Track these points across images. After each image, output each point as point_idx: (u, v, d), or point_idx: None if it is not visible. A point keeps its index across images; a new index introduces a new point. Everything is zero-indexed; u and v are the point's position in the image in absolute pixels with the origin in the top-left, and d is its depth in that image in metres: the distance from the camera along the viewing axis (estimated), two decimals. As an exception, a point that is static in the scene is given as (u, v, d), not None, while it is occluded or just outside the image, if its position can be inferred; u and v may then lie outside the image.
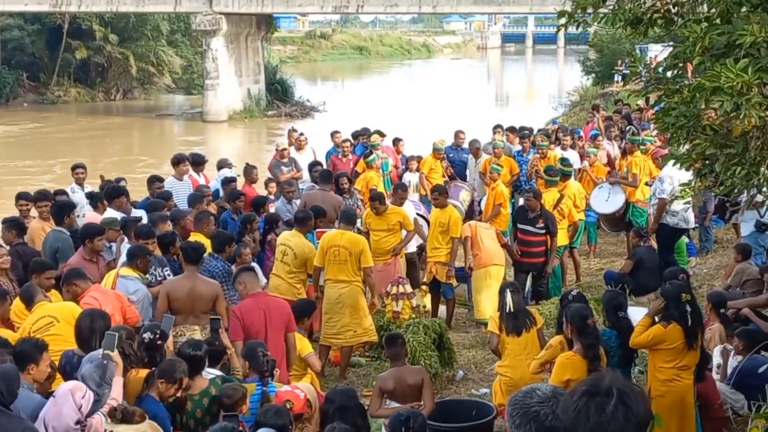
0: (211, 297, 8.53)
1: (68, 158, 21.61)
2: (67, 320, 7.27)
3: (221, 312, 8.47)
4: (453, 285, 11.99)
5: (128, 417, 5.33)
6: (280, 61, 60.27)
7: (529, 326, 8.41)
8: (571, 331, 7.14)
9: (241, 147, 36.19)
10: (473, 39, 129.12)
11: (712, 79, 4.53)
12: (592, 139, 17.22)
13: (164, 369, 6.21)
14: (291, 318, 8.25)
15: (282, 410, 5.73)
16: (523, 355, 8.29)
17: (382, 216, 11.64)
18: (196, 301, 8.48)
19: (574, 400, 2.66)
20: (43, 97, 48.96)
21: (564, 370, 6.92)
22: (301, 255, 10.44)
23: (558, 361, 7.09)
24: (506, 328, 8.39)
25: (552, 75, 78.14)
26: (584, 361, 6.92)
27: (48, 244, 10.02)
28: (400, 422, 5.52)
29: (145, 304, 8.77)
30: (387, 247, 11.67)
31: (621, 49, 36.29)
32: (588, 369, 6.86)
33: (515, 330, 8.36)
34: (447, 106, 44.02)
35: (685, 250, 13.01)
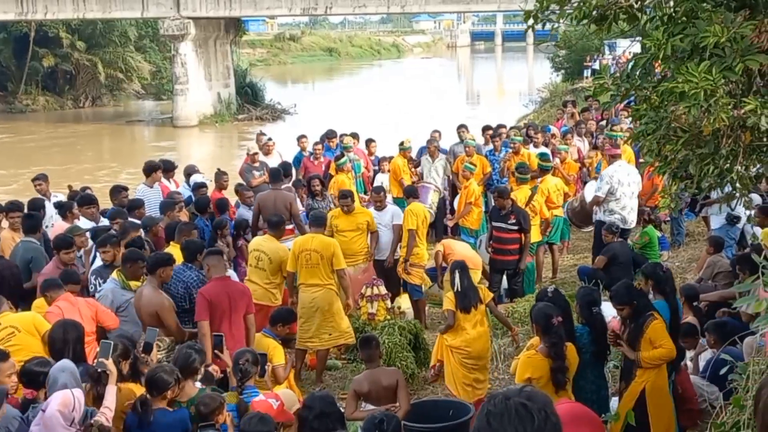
0: (151, 310, 8.37)
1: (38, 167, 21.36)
2: (29, 330, 7.37)
3: (171, 326, 8.41)
4: (419, 285, 11.95)
5: None
6: (250, 65, 60.11)
7: (477, 303, 9.03)
8: (536, 329, 7.15)
9: (212, 151, 36.06)
10: (443, 38, 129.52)
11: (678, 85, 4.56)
12: (562, 136, 17.29)
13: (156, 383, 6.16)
14: (251, 301, 8.74)
15: (266, 418, 5.69)
16: (472, 329, 8.98)
17: (351, 216, 11.61)
18: (141, 311, 8.40)
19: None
20: (11, 106, 48.55)
21: (525, 368, 6.93)
22: (276, 259, 10.41)
23: (520, 360, 7.11)
24: (458, 306, 8.97)
25: (522, 72, 78.45)
26: (546, 360, 6.91)
27: (20, 254, 9.92)
28: (374, 425, 5.50)
29: (131, 311, 8.62)
30: (356, 248, 11.64)
31: (589, 45, 36.55)
32: (551, 368, 6.88)
33: (465, 308, 8.97)
34: (418, 105, 44.08)
35: (657, 244, 13.09)
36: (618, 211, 12.87)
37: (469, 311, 8.99)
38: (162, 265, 8.52)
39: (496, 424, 2.46)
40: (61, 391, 5.79)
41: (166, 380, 6.13)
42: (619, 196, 12.87)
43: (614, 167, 13.15)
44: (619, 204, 12.87)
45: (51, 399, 5.69)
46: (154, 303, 8.38)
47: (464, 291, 9.01)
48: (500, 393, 2.54)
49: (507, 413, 2.47)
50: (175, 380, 6.21)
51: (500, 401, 2.50)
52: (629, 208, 12.95)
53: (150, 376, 6.16)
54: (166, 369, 6.30)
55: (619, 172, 12.99)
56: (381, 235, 11.88)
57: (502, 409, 2.48)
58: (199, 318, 8.35)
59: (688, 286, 9.92)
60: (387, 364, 9.48)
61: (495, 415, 2.48)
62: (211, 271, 8.62)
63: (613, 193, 12.86)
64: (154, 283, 8.47)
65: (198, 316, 8.37)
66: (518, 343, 9.90)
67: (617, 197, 12.87)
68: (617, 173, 12.95)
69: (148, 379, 6.16)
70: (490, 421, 2.47)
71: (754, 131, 5.07)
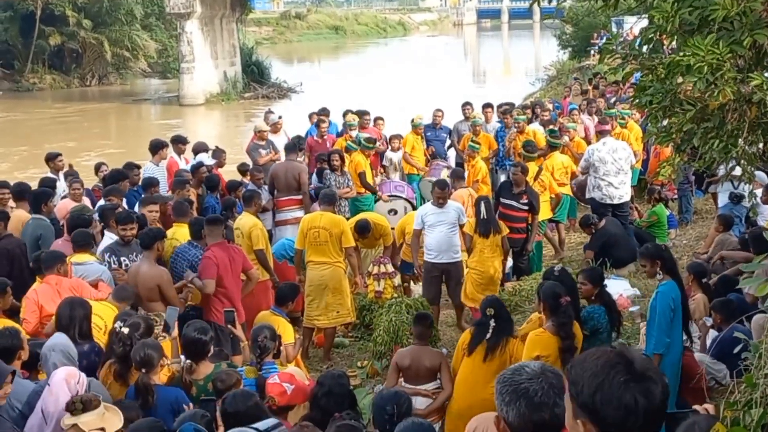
0: (152, 284, 8.47)
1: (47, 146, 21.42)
2: None
3: (171, 298, 8.50)
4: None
5: (88, 405, 5.26)
6: (256, 43, 59.90)
7: (495, 232, 10.67)
8: (544, 308, 7.16)
9: (218, 130, 36.02)
10: (449, 16, 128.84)
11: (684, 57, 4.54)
12: (569, 113, 17.27)
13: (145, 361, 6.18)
14: (246, 259, 9.33)
15: (249, 393, 5.68)
16: (488, 252, 10.68)
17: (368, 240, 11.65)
18: (139, 287, 8.44)
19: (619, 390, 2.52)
20: (18, 85, 48.46)
21: (534, 346, 6.94)
22: (246, 233, 10.29)
23: (529, 338, 7.11)
24: (479, 230, 10.65)
25: (528, 50, 78.04)
26: (554, 338, 6.93)
27: (29, 232, 9.96)
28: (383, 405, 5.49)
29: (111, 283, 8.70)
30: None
31: (596, 22, 36.33)
32: (560, 347, 6.90)
33: (485, 233, 10.64)
34: (424, 84, 43.94)
35: (665, 223, 13.11)
36: (604, 188, 13.07)
37: (487, 236, 10.62)
38: (158, 239, 8.68)
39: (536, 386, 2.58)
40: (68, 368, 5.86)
41: (154, 356, 6.16)
42: (602, 173, 12.99)
43: (598, 144, 13.38)
44: (603, 181, 13.00)
45: (57, 371, 5.75)
46: (153, 276, 8.46)
47: (487, 219, 10.62)
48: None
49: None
50: (161, 354, 6.27)
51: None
52: (616, 184, 13.04)
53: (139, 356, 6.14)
54: (150, 344, 6.31)
55: (602, 149, 13.14)
56: (442, 235, 10.71)
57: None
58: (206, 276, 8.72)
59: (696, 263, 9.91)
60: (394, 343, 9.55)
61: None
62: (209, 237, 8.98)
63: (596, 169, 13.02)
64: (150, 258, 8.55)
65: (205, 275, 8.74)
66: None
67: (600, 174, 12.99)
68: (599, 150, 13.16)
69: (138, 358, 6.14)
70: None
71: (760, 107, 5.04)
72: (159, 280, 8.46)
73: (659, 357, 7.29)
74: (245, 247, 9.94)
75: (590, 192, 13.34)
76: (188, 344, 6.68)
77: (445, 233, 10.64)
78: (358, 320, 10.99)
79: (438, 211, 10.67)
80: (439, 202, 10.70)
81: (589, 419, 2.52)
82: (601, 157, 13.04)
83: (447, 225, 10.64)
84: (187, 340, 6.70)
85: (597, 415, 2.50)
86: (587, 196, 13.59)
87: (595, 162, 13.06)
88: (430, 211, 10.73)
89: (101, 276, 8.64)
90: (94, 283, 8.43)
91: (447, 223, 10.64)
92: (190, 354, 6.69)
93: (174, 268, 9.10)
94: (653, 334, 7.35)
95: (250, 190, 11.44)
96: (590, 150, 13.42)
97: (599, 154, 13.09)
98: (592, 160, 13.11)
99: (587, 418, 2.52)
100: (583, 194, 14.20)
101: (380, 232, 11.65)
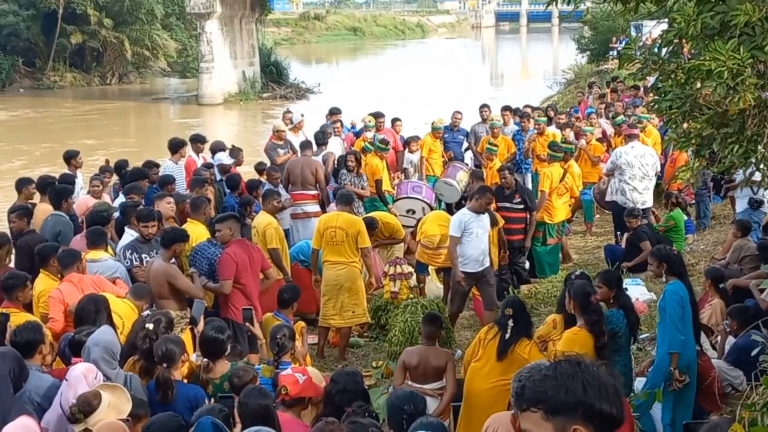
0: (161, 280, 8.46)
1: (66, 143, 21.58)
2: None
3: (184, 288, 8.52)
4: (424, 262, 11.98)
5: (87, 408, 5.25)
6: (275, 43, 60.12)
7: (492, 224, 10.82)
8: (574, 307, 7.18)
9: (236, 130, 36.13)
10: (467, 18, 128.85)
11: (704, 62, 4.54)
12: (587, 117, 17.26)
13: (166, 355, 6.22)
14: (264, 258, 9.38)
15: (265, 391, 5.71)
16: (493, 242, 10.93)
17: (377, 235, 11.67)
18: (150, 283, 8.46)
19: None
20: (39, 83, 48.76)
21: (571, 345, 6.91)
22: (261, 232, 10.38)
23: (565, 337, 7.12)
24: None
25: (547, 53, 77.91)
26: (590, 336, 6.95)
27: (48, 228, 10.04)
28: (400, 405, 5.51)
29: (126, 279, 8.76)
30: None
31: (615, 26, 36.23)
32: (595, 345, 6.91)
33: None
34: (442, 86, 43.93)
35: (683, 228, 13.07)
36: (628, 192, 13.03)
37: (492, 227, 10.72)
38: (178, 241, 8.62)
39: (592, 393, 2.53)
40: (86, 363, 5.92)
41: (176, 351, 6.20)
42: (628, 177, 12.96)
43: (626, 147, 13.29)
44: (628, 185, 12.98)
45: (76, 366, 5.80)
46: (161, 272, 8.44)
47: (491, 211, 10.80)
48: (586, 361, 2.61)
49: (603, 386, 2.55)
50: (183, 349, 6.31)
51: (595, 371, 2.57)
52: (640, 189, 13.03)
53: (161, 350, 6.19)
54: (172, 339, 6.36)
55: (630, 153, 13.09)
56: (481, 242, 10.44)
57: (598, 380, 2.55)
58: (224, 276, 8.77)
59: (713, 268, 9.86)
60: (409, 343, 9.56)
61: (593, 385, 2.54)
62: (226, 234, 8.99)
63: (622, 172, 12.98)
64: (164, 256, 8.55)
65: (223, 275, 8.79)
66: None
67: (626, 178, 12.97)
68: (627, 154, 13.09)
69: (160, 353, 6.18)
70: (587, 388, 2.53)
71: (781, 113, 5.04)
72: (166, 274, 8.45)
73: (677, 356, 7.27)
74: (261, 246, 9.99)
75: (612, 195, 13.29)
76: (206, 343, 6.71)
77: (484, 241, 10.50)
78: (374, 320, 11.01)
79: (478, 218, 10.43)
80: (485, 208, 10.53)
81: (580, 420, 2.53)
82: (628, 161, 12.99)
83: (485, 231, 10.51)
84: (204, 339, 6.73)
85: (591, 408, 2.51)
86: (608, 199, 13.55)
87: (622, 165, 13.01)
88: (472, 218, 10.37)
89: (116, 273, 8.70)
90: (112, 279, 8.48)
91: (485, 229, 10.52)
92: (207, 353, 6.72)
93: (193, 266, 9.13)
94: (666, 333, 7.34)
95: (268, 190, 11.52)
96: (618, 153, 13.32)
97: (627, 158, 13.03)
98: (619, 163, 13.04)
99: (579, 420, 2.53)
100: (604, 200, 14.19)
101: (389, 229, 11.69)
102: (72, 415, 5.25)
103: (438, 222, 11.59)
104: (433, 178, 15.32)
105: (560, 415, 2.53)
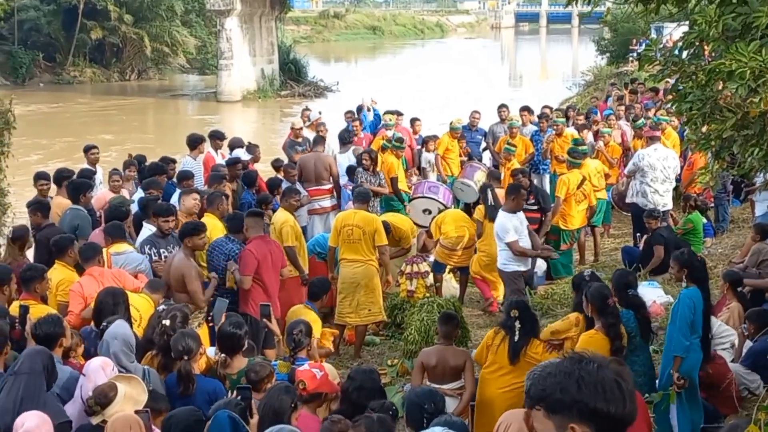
0: (177, 275, 8.52)
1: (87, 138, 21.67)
2: None
3: (191, 291, 8.51)
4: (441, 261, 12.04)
5: (103, 400, 5.28)
6: (294, 41, 60.22)
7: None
8: (591, 310, 7.17)
9: (255, 127, 36.23)
10: (487, 18, 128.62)
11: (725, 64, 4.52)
12: (605, 118, 17.21)
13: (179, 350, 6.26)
14: (284, 256, 9.50)
15: (290, 388, 5.75)
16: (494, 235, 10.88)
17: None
18: (170, 277, 8.54)
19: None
20: (59, 78, 49.09)
21: (587, 347, 6.91)
22: (278, 229, 10.37)
23: (581, 339, 7.11)
24: (488, 216, 11.18)
25: (566, 54, 77.66)
26: (606, 339, 6.94)
27: (67, 221, 10.10)
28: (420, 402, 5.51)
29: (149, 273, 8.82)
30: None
31: (635, 27, 36.09)
32: (611, 348, 6.89)
33: (493, 218, 10.91)
34: (460, 86, 43.88)
35: (701, 231, 13.00)
36: (649, 194, 12.98)
37: (493, 220, 10.85)
38: (188, 235, 8.64)
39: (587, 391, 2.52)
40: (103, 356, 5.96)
41: (193, 346, 6.23)
42: (650, 179, 12.92)
43: (649, 150, 13.22)
44: (650, 187, 12.93)
45: (93, 359, 5.85)
46: (180, 267, 8.51)
47: (494, 205, 11.17)
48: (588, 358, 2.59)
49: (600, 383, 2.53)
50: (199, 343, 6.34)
51: (593, 369, 2.55)
52: (661, 192, 12.99)
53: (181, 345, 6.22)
54: (189, 334, 6.39)
55: (653, 155, 13.03)
56: (526, 241, 10.55)
57: (595, 378, 2.54)
58: (244, 272, 8.88)
59: (731, 271, 9.81)
60: (425, 342, 9.57)
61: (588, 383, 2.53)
62: (250, 230, 9.13)
63: (644, 174, 12.93)
64: (186, 251, 8.62)
65: (244, 271, 8.89)
66: None
67: (648, 180, 12.92)
68: (650, 156, 13.02)
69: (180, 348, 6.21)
70: (581, 386, 2.52)
71: (802, 115, 5.02)
72: (183, 271, 8.49)
73: (679, 360, 7.28)
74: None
75: (633, 197, 13.24)
76: (223, 338, 6.74)
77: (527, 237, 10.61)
78: (390, 319, 11.02)
79: (517, 217, 10.56)
80: (520, 207, 10.66)
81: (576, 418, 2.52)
82: (651, 163, 12.94)
83: (525, 229, 10.60)
84: (222, 335, 6.76)
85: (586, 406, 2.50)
86: (629, 201, 13.50)
87: (645, 167, 12.96)
88: (514, 219, 10.47)
89: (141, 265, 8.75)
90: (134, 273, 8.53)
91: (525, 226, 10.62)
92: (224, 348, 6.75)
93: (211, 261, 9.17)
94: (673, 336, 7.36)
95: (287, 187, 11.54)
96: (641, 155, 13.24)
97: (649, 160, 12.98)
98: (642, 165, 12.99)
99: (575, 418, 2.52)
100: (622, 202, 14.14)
101: (399, 234, 11.68)
102: (89, 407, 5.28)
103: (456, 223, 11.74)
104: (451, 179, 15.32)
105: (558, 413, 2.54)
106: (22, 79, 47.46)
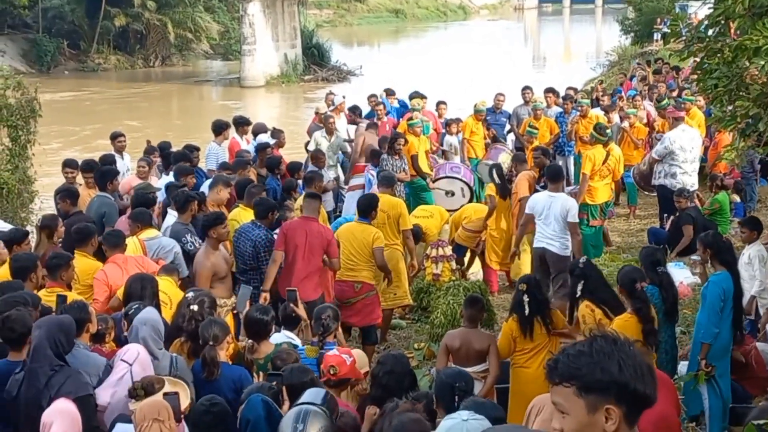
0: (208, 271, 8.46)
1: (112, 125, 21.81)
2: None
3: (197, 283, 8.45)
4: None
5: (150, 389, 5.33)
6: (317, 26, 60.08)
7: (508, 195, 11.70)
8: (621, 293, 7.18)
9: (278, 112, 36.29)
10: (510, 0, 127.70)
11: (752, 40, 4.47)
12: (630, 99, 17.10)
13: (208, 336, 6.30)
14: (331, 246, 9.03)
15: (306, 368, 5.78)
16: (504, 214, 11.70)
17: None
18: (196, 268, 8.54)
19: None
20: (84, 65, 49.26)
21: (622, 332, 6.89)
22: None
23: (615, 324, 7.09)
24: (500, 193, 11.63)
25: (590, 35, 77.04)
26: (639, 322, 6.93)
27: (94, 209, 10.17)
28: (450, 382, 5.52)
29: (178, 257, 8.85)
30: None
31: (660, 6, 35.77)
32: (643, 331, 6.87)
33: (504, 196, 11.68)
34: (484, 68, 43.70)
35: (728, 211, 12.91)
36: (679, 175, 12.90)
37: (505, 198, 11.65)
38: (211, 226, 8.56)
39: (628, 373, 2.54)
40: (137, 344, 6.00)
41: (219, 335, 6.25)
42: (681, 161, 12.83)
43: (677, 131, 13.11)
44: (680, 168, 12.85)
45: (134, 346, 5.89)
46: (199, 262, 8.48)
47: (502, 183, 11.69)
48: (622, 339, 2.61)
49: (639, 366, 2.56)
50: (227, 332, 6.38)
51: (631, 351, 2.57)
52: (690, 172, 12.93)
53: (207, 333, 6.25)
54: (217, 322, 6.43)
55: (682, 136, 12.94)
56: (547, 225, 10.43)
57: (633, 360, 2.56)
58: (275, 247, 8.95)
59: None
60: (451, 325, 9.57)
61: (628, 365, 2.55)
62: (304, 210, 9.34)
63: (675, 157, 12.85)
64: (209, 243, 8.55)
65: (275, 245, 8.98)
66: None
67: (679, 162, 12.84)
68: (680, 138, 12.92)
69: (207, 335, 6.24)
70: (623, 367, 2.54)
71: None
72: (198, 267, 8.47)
73: (708, 347, 7.28)
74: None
75: (660, 179, 13.11)
76: (250, 324, 6.78)
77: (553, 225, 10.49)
78: (416, 302, 11.03)
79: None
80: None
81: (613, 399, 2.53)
82: (681, 145, 12.88)
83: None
84: (249, 320, 6.80)
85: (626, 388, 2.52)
86: (656, 183, 13.36)
87: (676, 150, 12.89)
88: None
89: (174, 250, 8.81)
90: (155, 259, 8.56)
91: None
92: (252, 334, 6.79)
93: (237, 247, 9.20)
94: (702, 322, 7.35)
95: (311, 172, 11.54)
96: (671, 138, 13.07)
97: (681, 142, 12.90)
98: (673, 148, 12.88)
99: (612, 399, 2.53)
100: (647, 182, 14.04)
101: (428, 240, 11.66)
102: (134, 389, 5.35)
103: (478, 215, 11.92)
104: (475, 161, 15.29)
105: (593, 393, 2.54)
106: (47, 67, 47.67)
